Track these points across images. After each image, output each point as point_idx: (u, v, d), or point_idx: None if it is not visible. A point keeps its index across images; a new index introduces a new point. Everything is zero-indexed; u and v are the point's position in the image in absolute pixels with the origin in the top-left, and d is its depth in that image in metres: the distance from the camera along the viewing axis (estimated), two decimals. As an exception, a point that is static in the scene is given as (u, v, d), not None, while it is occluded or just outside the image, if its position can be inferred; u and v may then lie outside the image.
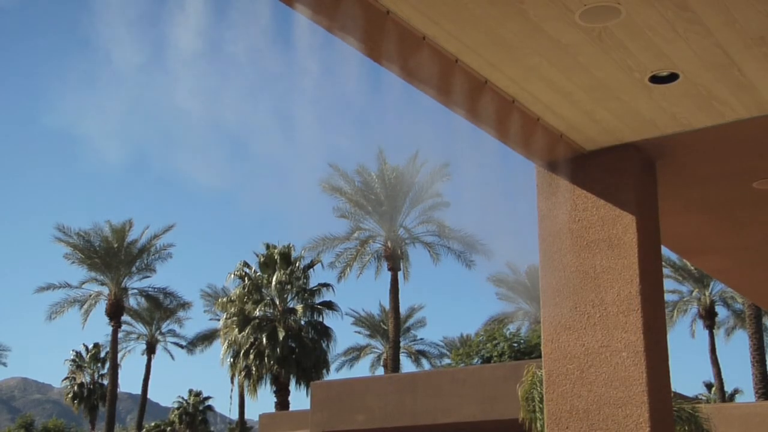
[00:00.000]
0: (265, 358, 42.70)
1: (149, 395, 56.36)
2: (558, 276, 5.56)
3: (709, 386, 53.84)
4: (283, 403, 43.19)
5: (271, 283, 44.66)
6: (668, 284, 37.45)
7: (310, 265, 44.99)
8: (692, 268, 35.69)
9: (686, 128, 5.30)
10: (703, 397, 49.43)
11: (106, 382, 55.84)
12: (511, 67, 4.64)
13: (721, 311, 39.46)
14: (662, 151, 5.60)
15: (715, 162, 5.87)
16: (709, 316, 38.05)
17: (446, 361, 46.58)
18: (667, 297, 36.91)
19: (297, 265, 45.42)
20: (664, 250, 6.64)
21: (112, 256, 42.72)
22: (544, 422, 5.46)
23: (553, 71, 4.67)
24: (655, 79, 4.75)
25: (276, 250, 45.79)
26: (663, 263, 7.98)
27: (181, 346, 55.33)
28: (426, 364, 50.24)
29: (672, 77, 4.72)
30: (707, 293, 38.11)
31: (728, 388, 49.31)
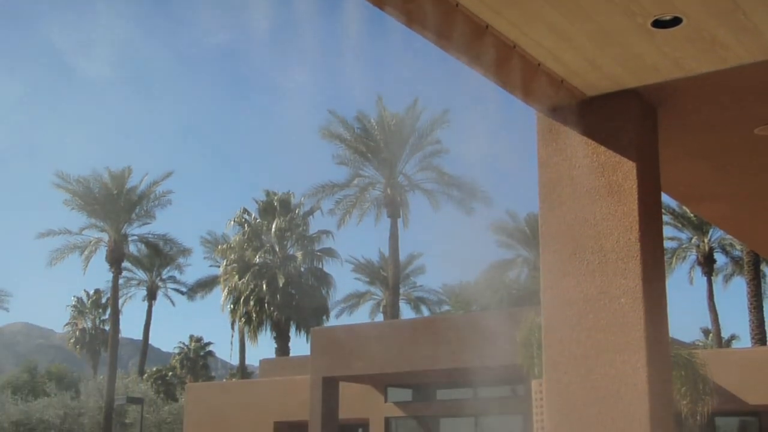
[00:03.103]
0: (265, 305, 43.00)
1: (150, 341, 56.92)
2: (557, 223, 5.56)
3: (706, 332, 54.32)
4: (283, 349, 43.60)
5: (270, 230, 44.78)
6: (667, 231, 37.54)
7: (310, 212, 45.07)
8: (691, 215, 35.76)
9: (688, 73, 5.24)
10: (701, 343, 49.94)
11: (107, 327, 56.27)
12: (513, 12, 4.58)
13: (720, 258, 39.69)
14: (664, 97, 5.56)
15: (716, 108, 5.83)
16: (707, 263, 38.23)
17: (445, 307, 46.89)
18: (666, 244, 37.01)
19: (297, 212, 45.52)
20: (664, 197, 6.62)
21: (112, 202, 42.69)
22: (542, 367, 5.50)
23: (554, 16, 4.61)
24: (658, 24, 4.68)
25: (276, 197, 45.85)
26: (662, 210, 7.97)
27: (182, 293, 55.74)
28: (425, 311, 50.60)
29: (675, 21, 4.66)
30: (706, 240, 38.25)
31: (725, 334, 49.75)
